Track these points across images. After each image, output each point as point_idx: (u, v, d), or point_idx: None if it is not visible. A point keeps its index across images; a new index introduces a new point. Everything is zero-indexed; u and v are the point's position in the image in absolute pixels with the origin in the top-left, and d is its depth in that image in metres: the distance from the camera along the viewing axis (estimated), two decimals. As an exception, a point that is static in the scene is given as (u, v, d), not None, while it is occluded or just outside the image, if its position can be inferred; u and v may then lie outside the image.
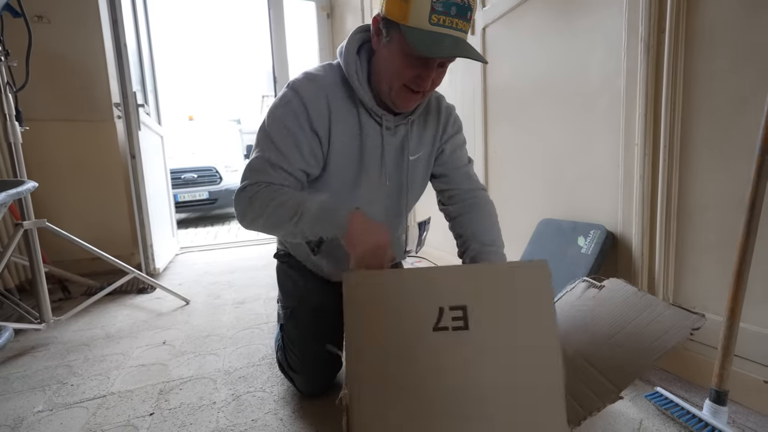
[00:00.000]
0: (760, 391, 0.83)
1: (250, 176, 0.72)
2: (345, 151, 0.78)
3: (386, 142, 0.79)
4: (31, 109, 2.13)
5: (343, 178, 0.80)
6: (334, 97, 0.74)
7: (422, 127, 0.85)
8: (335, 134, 0.75)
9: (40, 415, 0.97)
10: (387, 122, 0.78)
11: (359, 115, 0.77)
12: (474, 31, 1.66)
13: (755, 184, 0.70)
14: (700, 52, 0.89)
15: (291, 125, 0.72)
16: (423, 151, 0.85)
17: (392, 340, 0.49)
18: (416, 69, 0.68)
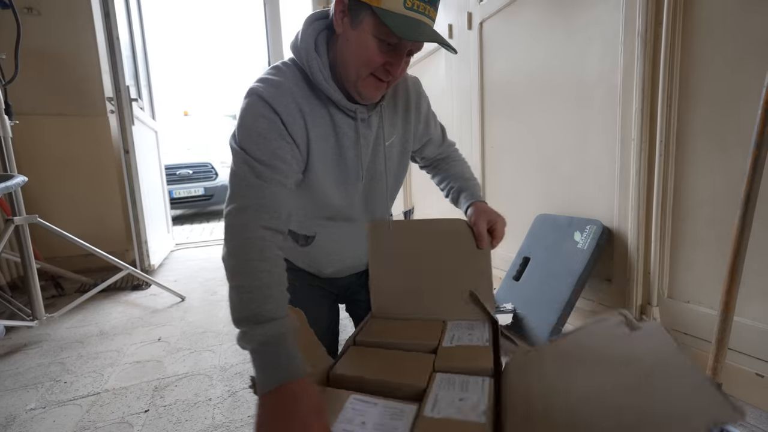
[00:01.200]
0: (752, 383, 0.84)
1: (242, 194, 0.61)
2: (324, 156, 0.74)
3: (362, 136, 0.76)
4: (21, 103, 2.10)
5: (324, 182, 0.76)
6: (303, 101, 0.69)
7: (392, 109, 0.82)
8: (313, 140, 0.71)
9: (32, 412, 0.96)
10: (361, 114, 0.74)
11: (330, 114, 0.73)
12: (471, 26, 1.65)
13: (750, 177, 0.70)
14: (697, 47, 0.89)
15: (267, 134, 0.65)
16: (396, 134, 0.83)
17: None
18: (387, 56, 0.64)
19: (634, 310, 1.06)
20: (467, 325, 0.70)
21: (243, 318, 0.53)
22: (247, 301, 0.54)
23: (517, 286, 1.29)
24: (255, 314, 0.53)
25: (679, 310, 0.98)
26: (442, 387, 0.60)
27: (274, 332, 0.52)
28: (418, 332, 0.72)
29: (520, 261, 1.33)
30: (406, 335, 0.71)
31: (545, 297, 1.16)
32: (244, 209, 0.60)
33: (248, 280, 0.55)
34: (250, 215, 0.59)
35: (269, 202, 0.61)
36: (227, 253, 0.58)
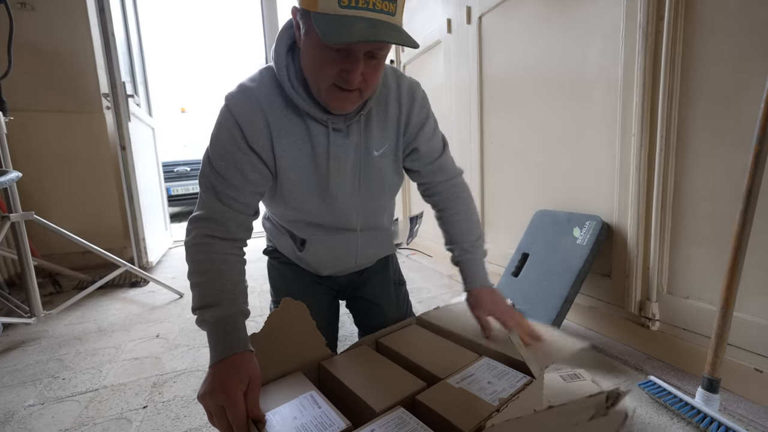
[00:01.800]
0: (751, 378, 0.84)
1: (201, 207, 0.69)
2: (296, 165, 0.71)
3: (336, 144, 0.72)
4: (16, 99, 2.08)
5: (302, 192, 0.74)
6: (271, 109, 0.67)
7: (383, 116, 0.76)
8: (280, 149, 0.69)
9: (31, 409, 0.96)
10: (334, 124, 0.70)
11: (305, 122, 0.70)
12: (470, 20, 1.64)
13: (752, 173, 0.70)
14: (698, 41, 0.89)
15: (228, 145, 0.67)
16: (388, 144, 0.78)
17: None
18: (339, 64, 0.59)
19: (633, 305, 1.06)
20: (499, 370, 0.63)
21: (196, 306, 0.64)
22: (198, 294, 0.64)
23: (516, 282, 1.29)
24: (204, 303, 0.63)
25: (678, 306, 0.98)
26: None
27: (218, 315, 0.62)
28: (439, 356, 0.69)
29: (518, 257, 1.33)
30: (423, 354, 0.70)
31: (544, 293, 1.16)
32: (197, 219, 0.68)
33: (197, 277, 0.65)
34: (200, 224, 0.68)
35: (218, 216, 0.68)
36: (186, 254, 0.68)
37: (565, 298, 1.10)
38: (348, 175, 0.76)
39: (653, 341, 1.04)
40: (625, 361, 1.04)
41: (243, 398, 0.54)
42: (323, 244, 0.84)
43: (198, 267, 0.66)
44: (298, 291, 0.90)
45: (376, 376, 0.64)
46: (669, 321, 1.00)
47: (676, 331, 0.99)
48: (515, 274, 1.31)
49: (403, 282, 1.02)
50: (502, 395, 0.56)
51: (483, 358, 0.67)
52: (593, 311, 1.21)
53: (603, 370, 1.02)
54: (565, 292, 1.10)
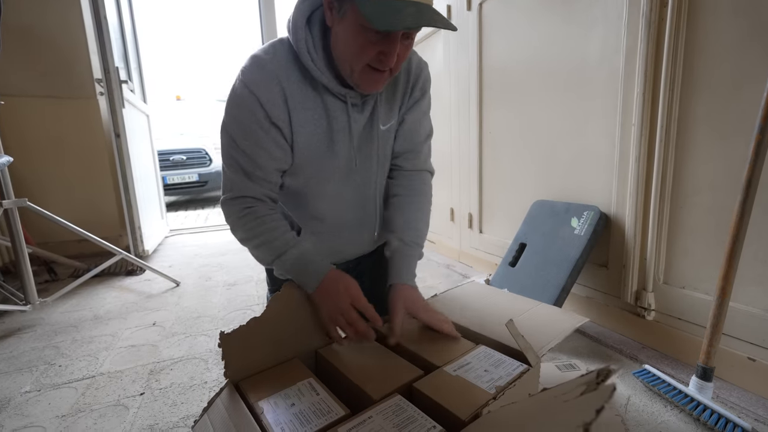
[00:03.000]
0: (745, 367, 0.85)
1: (231, 188, 0.72)
2: (312, 141, 0.71)
3: (353, 120, 0.72)
4: (7, 83, 2.04)
5: (313, 168, 0.74)
6: (288, 83, 0.66)
7: (392, 89, 0.76)
8: (297, 123, 0.68)
9: (27, 395, 0.96)
10: (352, 99, 0.70)
11: (322, 96, 0.69)
12: (470, 7, 1.61)
13: (752, 163, 0.69)
14: (701, 29, 0.87)
15: (249, 123, 0.66)
16: (393, 119, 0.78)
17: None
18: (378, 45, 0.59)
19: (630, 296, 1.07)
20: (496, 359, 0.63)
21: (270, 261, 0.71)
22: (265, 251, 0.71)
23: (513, 272, 1.29)
24: (277, 254, 0.70)
25: (674, 296, 0.99)
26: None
27: (293, 257, 0.70)
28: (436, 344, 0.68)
29: (516, 247, 1.33)
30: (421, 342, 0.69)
31: (541, 283, 1.16)
32: (231, 200, 0.72)
33: (257, 239, 0.71)
34: (236, 202, 0.71)
35: (250, 194, 0.71)
36: (234, 232, 0.74)
37: (562, 288, 1.10)
38: (358, 150, 0.76)
39: (649, 331, 1.05)
40: (620, 350, 1.05)
41: (353, 309, 0.66)
42: (318, 234, 0.83)
43: (254, 231, 0.70)
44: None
45: (373, 364, 0.64)
46: (665, 311, 1.01)
47: (672, 320, 0.99)
48: (512, 264, 1.32)
49: None
50: (499, 383, 0.56)
51: (480, 347, 0.67)
52: (590, 301, 1.22)
53: (598, 359, 1.03)
54: (562, 282, 1.11)
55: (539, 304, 0.83)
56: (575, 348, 1.09)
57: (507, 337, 0.67)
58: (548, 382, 0.88)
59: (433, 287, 1.65)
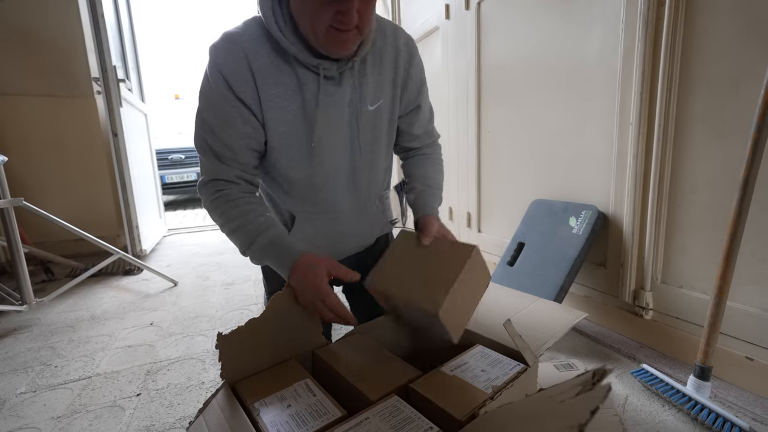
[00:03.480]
0: (742, 366, 0.85)
1: (205, 171, 0.71)
2: (285, 117, 0.68)
3: (327, 93, 0.69)
4: (4, 82, 2.03)
5: (293, 148, 0.71)
6: (256, 57, 0.65)
7: (378, 67, 0.73)
8: (267, 99, 0.66)
9: (23, 396, 0.95)
10: (326, 71, 0.67)
11: (295, 70, 0.67)
12: (469, 6, 1.61)
13: (750, 161, 0.69)
14: (699, 28, 0.87)
15: (217, 100, 0.66)
16: (383, 99, 0.75)
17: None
18: (333, 5, 0.58)
19: (627, 295, 1.07)
20: (493, 359, 0.63)
21: (245, 246, 0.69)
22: (238, 236, 0.68)
23: (512, 272, 1.29)
24: (250, 240, 0.67)
25: (671, 295, 0.99)
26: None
27: (264, 243, 0.67)
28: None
29: (514, 246, 1.33)
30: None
31: (539, 282, 1.16)
32: (205, 183, 0.71)
33: (230, 224, 0.69)
34: (209, 186, 0.70)
35: (223, 176, 0.70)
36: (210, 216, 0.72)
37: (560, 287, 1.10)
38: (340, 130, 0.73)
39: (647, 330, 1.05)
40: (618, 349, 1.04)
41: (331, 290, 0.63)
42: (312, 221, 0.80)
43: (226, 216, 0.69)
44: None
45: (370, 364, 0.63)
46: (662, 310, 1.01)
47: (670, 320, 0.99)
48: (511, 263, 1.31)
49: None
50: (496, 383, 0.56)
51: (477, 347, 0.67)
52: (588, 300, 1.22)
53: (596, 358, 1.03)
54: (560, 281, 1.11)
55: (537, 300, 0.82)
56: (573, 347, 1.09)
57: (504, 337, 0.66)
58: (546, 381, 0.88)
59: (431, 287, 1.64)
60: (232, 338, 0.60)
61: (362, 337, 0.74)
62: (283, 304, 0.67)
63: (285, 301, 0.67)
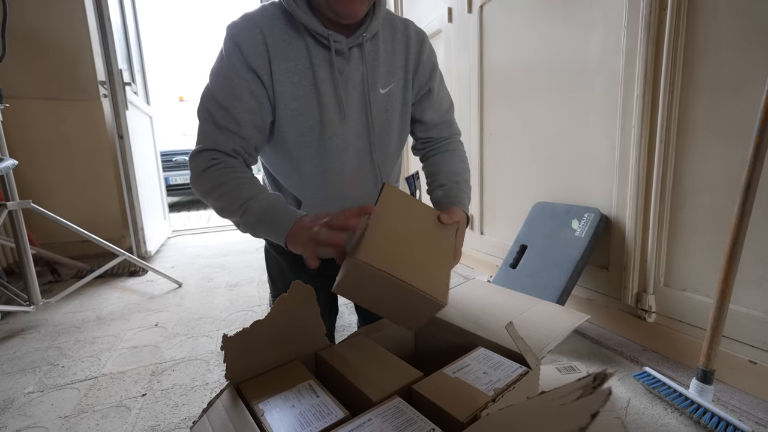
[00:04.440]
0: (745, 370, 0.84)
1: (201, 140, 0.69)
2: (296, 92, 0.69)
3: (339, 71, 0.70)
4: (12, 86, 2.06)
5: (305, 125, 0.71)
6: (271, 31, 0.67)
7: (389, 53, 0.75)
8: (278, 72, 0.68)
9: (30, 396, 0.97)
10: (337, 44, 0.68)
11: (307, 45, 0.68)
12: (471, 9, 1.61)
13: (752, 165, 0.69)
14: (700, 32, 0.87)
15: (227, 72, 0.67)
16: (395, 83, 0.76)
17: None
18: None
19: (630, 298, 1.07)
20: (495, 361, 0.63)
21: (235, 215, 0.63)
22: (229, 205, 0.64)
23: (514, 274, 1.29)
24: (239, 207, 0.62)
25: (674, 298, 0.99)
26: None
27: (262, 206, 0.62)
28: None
29: (517, 248, 1.33)
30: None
31: (542, 285, 1.16)
32: (198, 152, 0.67)
33: (218, 192, 0.64)
34: (202, 155, 0.67)
35: (219, 147, 0.67)
36: (195, 187, 0.68)
37: (563, 289, 1.10)
38: (352, 109, 0.73)
39: (649, 333, 1.05)
40: (621, 352, 1.04)
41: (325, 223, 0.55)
42: (318, 208, 0.79)
43: (220, 179, 0.64)
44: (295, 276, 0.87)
45: (373, 366, 0.64)
46: (665, 313, 1.01)
47: (672, 323, 0.99)
48: (513, 265, 1.32)
49: None
50: (498, 385, 0.57)
51: (479, 349, 0.67)
52: (590, 303, 1.22)
53: (599, 361, 1.03)
54: (562, 283, 1.11)
55: (539, 302, 0.83)
56: (576, 350, 1.09)
57: (507, 339, 0.67)
58: (549, 384, 0.88)
59: (434, 289, 1.65)
60: (237, 340, 0.61)
61: (365, 338, 0.74)
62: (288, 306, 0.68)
63: (290, 303, 0.68)
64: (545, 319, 0.76)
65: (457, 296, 0.89)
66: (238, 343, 0.61)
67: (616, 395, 0.88)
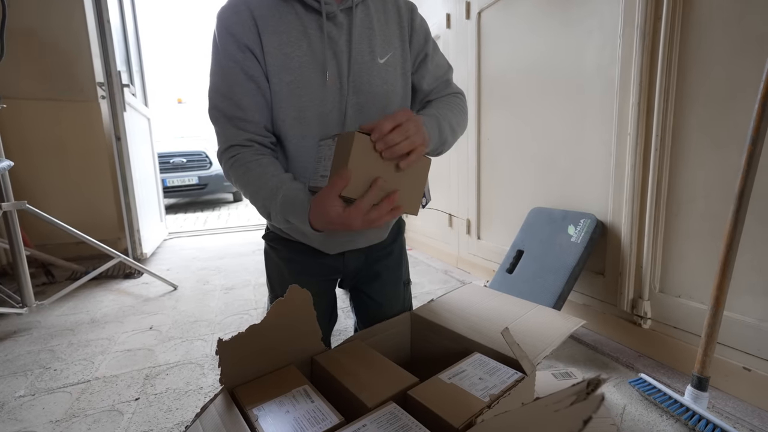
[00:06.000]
0: (740, 377, 0.85)
1: (219, 140, 0.71)
2: (291, 64, 0.68)
3: (331, 38, 0.69)
4: (8, 86, 2.05)
5: (303, 98, 0.69)
6: (259, 6, 0.67)
7: (382, 22, 0.74)
8: (269, 45, 0.67)
9: (21, 399, 0.95)
10: (327, 5, 0.68)
11: (298, 14, 0.68)
12: (469, 16, 1.63)
13: (745, 173, 0.70)
14: (694, 42, 0.89)
15: (221, 59, 0.68)
16: (392, 52, 0.74)
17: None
18: None
19: (626, 304, 1.07)
20: (491, 367, 0.63)
21: (265, 213, 0.67)
22: (258, 205, 0.68)
23: (511, 279, 1.30)
24: (268, 206, 0.65)
25: (669, 305, 0.99)
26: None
27: (282, 199, 0.63)
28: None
29: (513, 254, 1.33)
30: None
31: (538, 290, 1.17)
32: (221, 152, 0.71)
33: (247, 191, 0.68)
34: (226, 154, 0.70)
35: (236, 141, 0.69)
36: (232, 183, 0.72)
37: (559, 295, 1.10)
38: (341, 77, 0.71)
39: (645, 339, 1.05)
40: (616, 358, 1.05)
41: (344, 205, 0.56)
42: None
43: (241, 182, 0.68)
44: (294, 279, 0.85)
45: (368, 371, 0.64)
46: (661, 319, 1.01)
47: (668, 329, 1.00)
48: (510, 270, 1.32)
49: (410, 281, 0.98)
50: (493, 391, 0.57)
51: (475, 355, 0.67)
52: (587, 309, 1.22)
53: (595, 367, 1.03)
54: (559, 289, 1.11)
55: (535, 307, 0.83)
56: (572, 355, 1.09)
57: (503, 344, 0.67)
58: (545, 390, 0.88)
59: (430, 293, 1.65)
60: (233, 344, 0.61)
61: (361, 343, 0.74)
62: (285, 309, 0.68)
63: (287, 307, 0.68)
64: (541, 324, 0.76)
65: (453, 300, 0.89)
66: (234, 347, 0.61)
67: (611, 402, 0.88)
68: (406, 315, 0.87)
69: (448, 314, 0.84)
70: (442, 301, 0.91)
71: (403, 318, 0.85)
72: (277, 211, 0.64)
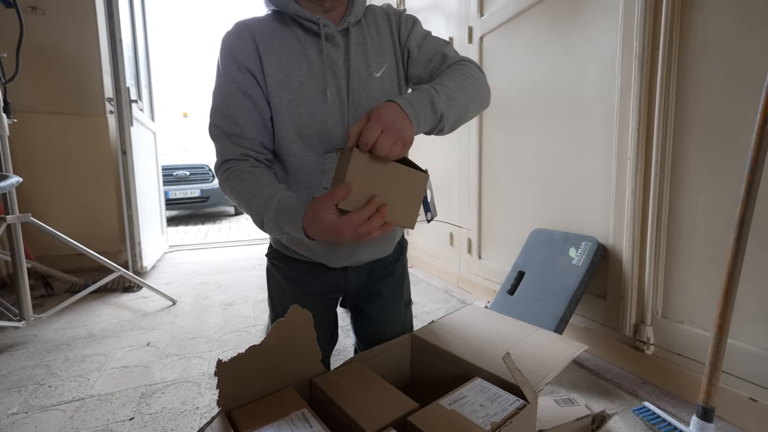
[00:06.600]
0: (746, 407, 0.83)
1: (217, 153, 0.73)
2: (291, 84, 0.71)
3: (330, 58, 0.72)
4: (19, 100, 2.09)
5: (303, 116, 0.72)
6: (260, 30, 0.71)
7: (375, 35, 0.77)
8: (270, 66, 0.70)
9: (14, 417, 0.94)
10: (326, 27, 0.71)
11: (298, 37, 0.72)
12: (472, 40, 1.67)
13: (744, 201, 0.70)
14: (691, 71, 0.91)
15: (223, 81, 0.71)
16: (387, 63, 0.77)
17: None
18: None
19: (628, 328, 1.06)
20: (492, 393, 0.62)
21: (258, 222, 0.68)
22: (252, 216, 0.68)
23: (512, 300, 1.29)
24: (260, 215, 0.66)
25: (672, 331, 0.98)
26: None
27: (276, 207, 0.64)
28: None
29: (515, 275, 1.33)
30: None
31: (539, 312, 1.16)
32: (218, 166, 0.73)
33: (240, 202, 0.69)
34: (222, 167, 0.72)
35: (233, 156, 0.71)
36: (226, 195, 0.73)
37: (561, 318, 1.09)
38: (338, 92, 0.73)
39: (648, 365, 1.03)
40: (619, 385, 1.03)
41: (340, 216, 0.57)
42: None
43: (235, 192, 0.69)
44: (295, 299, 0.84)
45: (368, 395, 0.63)
46: (664, 345, 1.00)
47: (671, 356, 0.98)
48: (511, 291, 1.31)
49: (411, 301, 0.97)
50: (495, 419, 0.56)
51: (476, 380, 0.66)
52: (588, 332, 1.21)
53: (597, 394, 1.01)
54: (560, 312, 1.10)
55: (537, 330, 0.82)
56: (574, 381, 1.07)
57: (504, 369, 0.66)
58: (547, 416, 0.86)
59: (431, 312, 1.63)
60: (232, 366, 0.60)
61: (361, 365, 0.73)
62: (285, 330, 0.67)
63: (287, 328, 0.67)
64: (543, 348, 0.75)
65: (454, 322, 0.89)
66: (232, 368, 0.60)
67: (614, 431, 0.86)
68: (407, 337, 0.86)
69: (449, 336, 0.83)
70: (443, 322, 0.90)
71: (403, 340, 0.85)
72: (270, 218, 0.65)
